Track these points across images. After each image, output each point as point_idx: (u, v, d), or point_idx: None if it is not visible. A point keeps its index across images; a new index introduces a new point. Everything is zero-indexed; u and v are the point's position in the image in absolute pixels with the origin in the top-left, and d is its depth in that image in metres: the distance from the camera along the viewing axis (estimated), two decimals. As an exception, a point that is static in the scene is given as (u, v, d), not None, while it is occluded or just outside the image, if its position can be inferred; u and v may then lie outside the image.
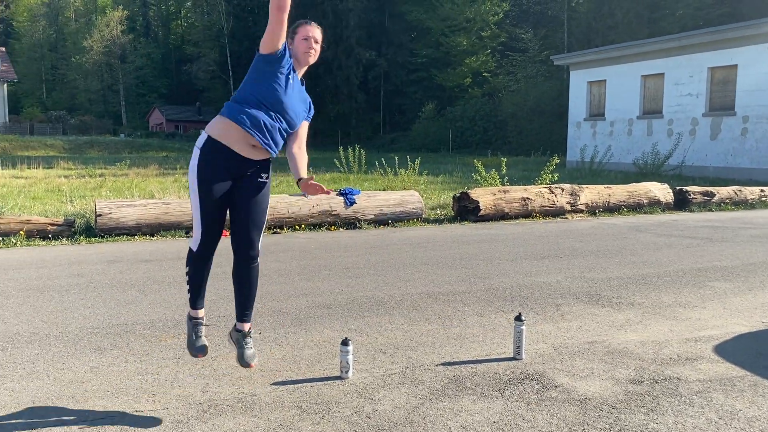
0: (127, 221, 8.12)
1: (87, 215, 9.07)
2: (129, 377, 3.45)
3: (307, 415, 2.99)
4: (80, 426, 2.86)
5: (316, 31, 3.07)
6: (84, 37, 67.42)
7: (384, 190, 12.34)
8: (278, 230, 8.93)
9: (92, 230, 8.23)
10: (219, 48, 63.15)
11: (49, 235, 7.96)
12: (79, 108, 67.59)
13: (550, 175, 12.61)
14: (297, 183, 2.97)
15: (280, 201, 9.01)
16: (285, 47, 2.95)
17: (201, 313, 3.20)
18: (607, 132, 23.12)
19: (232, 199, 3.04)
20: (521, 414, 3.01)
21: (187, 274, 3.14)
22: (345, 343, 3.42)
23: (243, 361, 3.14)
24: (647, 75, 21.60)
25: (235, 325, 3.23)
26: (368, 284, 5.70)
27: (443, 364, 3.68)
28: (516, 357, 3.76)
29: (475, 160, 13.95)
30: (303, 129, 3.16)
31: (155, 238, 8.21)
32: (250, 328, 3.22)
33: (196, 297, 3.17)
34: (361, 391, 3.28)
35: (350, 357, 3.44)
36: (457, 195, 10.50)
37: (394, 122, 52.41)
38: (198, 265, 3.11)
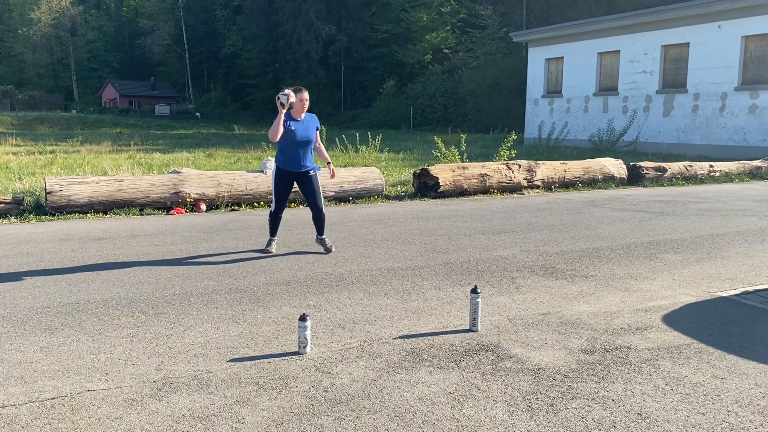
0: (78, 199, 7.90)
1: (37, 193, 8.80)
2: (81, 356, 3.38)
3: (264, 391, 2.98)
4: (29, 407, 2.80)
5: (307, 95, 5.73)
6: (31, 8, 64.75)
7: (345, 166, 12.28)
8: (236, 207, 8.82)
9: (42, 208, 7.99)
10: (174, 21, 61.47)
11: (-3, 214, 7.70)
12: (27, 83, 65.19)
13: (507, 152, 12.74)
14: (327, 165, 6.20)
15: (237, 178, 8.89)
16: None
17: (274, 238, 6.07)
18: (564, 109, 23.42)
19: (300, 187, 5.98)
20: (476, 384, 3.06)
21: (269, 222, 6.10)
22: (303, 318, 3.41)
23: (326, 247, 6.04)
24: (603, 52, 21.90)
25: (317, 236, 6.10)
26: (328, 260, 5.69)
27: (401, 337, 3.71)
28: (472, 329, 3.82)
29: (436, 137, 13.99)
30: (317, 136, 5.95)
31: (108, 216, 8.02)
32: (324, 236, 6.09)
33: (272, 231, 6.07)
34: (318, 365, 3.29)
35: (308, 332, 3.44)
36: (417, 172, 10.53)
37: (355, 99, 51.99)
38: (273, 218, 6.08)
